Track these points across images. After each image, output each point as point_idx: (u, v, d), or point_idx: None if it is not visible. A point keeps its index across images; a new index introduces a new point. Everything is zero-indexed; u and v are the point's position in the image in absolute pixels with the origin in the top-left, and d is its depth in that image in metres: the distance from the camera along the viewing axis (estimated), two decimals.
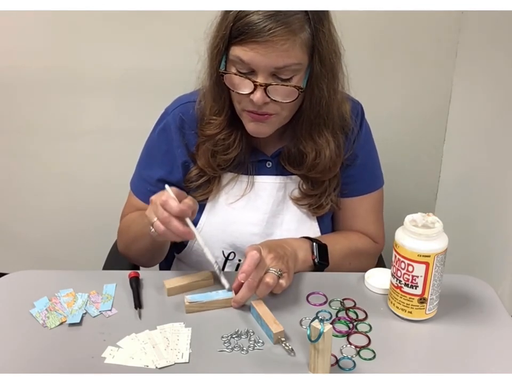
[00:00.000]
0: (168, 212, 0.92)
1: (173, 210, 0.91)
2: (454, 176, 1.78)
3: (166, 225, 0.92)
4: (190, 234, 0.94)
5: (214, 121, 1.08)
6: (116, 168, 1.76)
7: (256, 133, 1.05)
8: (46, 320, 0.92)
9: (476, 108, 1.67)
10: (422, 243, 0.86)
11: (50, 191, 1.89)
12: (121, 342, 0.87)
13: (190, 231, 0.93)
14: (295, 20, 0.93)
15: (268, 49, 0.92)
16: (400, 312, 0.92)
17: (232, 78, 0.99)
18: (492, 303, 0.98)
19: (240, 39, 0.94)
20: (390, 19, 1.55)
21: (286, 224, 1.16)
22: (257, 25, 0.91)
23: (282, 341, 0.86)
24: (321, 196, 1.14)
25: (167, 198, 0.92)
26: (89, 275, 1.06)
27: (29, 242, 2.00)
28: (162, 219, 0.92)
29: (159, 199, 0.93)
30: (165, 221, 0.92)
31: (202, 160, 1.11)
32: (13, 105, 1.76)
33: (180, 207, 0.91)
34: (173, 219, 0.91)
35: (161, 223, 0.92)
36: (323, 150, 1.08)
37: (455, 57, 1.62)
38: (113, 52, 1.65)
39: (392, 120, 1.69)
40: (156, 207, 0.93)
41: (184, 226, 0.93)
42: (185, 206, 0.92)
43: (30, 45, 1.66)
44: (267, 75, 0.96)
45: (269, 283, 0.92)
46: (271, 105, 0.99)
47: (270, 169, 1.15)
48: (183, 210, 0.92)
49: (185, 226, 0.93)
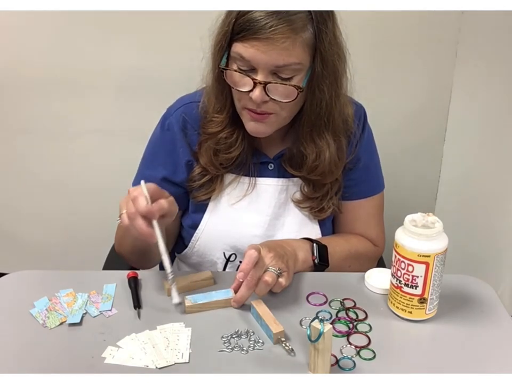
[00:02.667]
0: (135, 208, 0.90)
1: (140, 209, 0.89)
2: (454, 176, 1.78)
3: (130, 220, 0.91)
4: (152, 237, 0.90)
5: (216, 119, 1.08)
6: (117, 168, 1.76)
7: (255, 132, 1.05)
8: (46, 320, 0.92)
9: (476, 108, 1.67)
10: (422, 243, 0.86)
11: (50, 191, 1.89)
12: (121, 342, 0.87)
13: (153, 233, 0.90)
14: (298, 18, 0.93)
15: (268, 47, 0.92)
16: (400, 312, 0.92)
17: (233, 75, 0.99)
18: (491, 303, 0.98)
19: (241, 36, 0.94)
20: (389, 19, 1.55)
21: (287, 226, 1.16)
22: (259, 22, 0.91)
23: (282, 341, 0.86)
24: (322, 199, 1.14)
25: (138, 194, 0.90)
26: (89, 275, 1.06)
27: (29, 243, 2.00)
28: (129, 214, 0.90)
29: (132, 193, 0.91)
30: (131, 216, 0.90)
31: (204, 159, 1.11)
32: (13, 106, 1.76)
33: (148, 208, 0.89)
34: (138, 217, 0.89)
35: (127, 217, 0.91)
36: (323, 152, 1.08)
37: (455, 57, 1.62)
38: (114, 51, 1.65)
39: (392, 119, 1.69)
40: (127, 200, 0.92)
41: (148, 227, 0.90)
42: (155, 208, 0.90)
43: (30, 45, 1.66)
44: (267, 73, 0.96)
45: (267, 281, 0.92)
46: (270, 104, 0.99)
47: (272, 171, 1.15)
48: (150, 211, 0.90)
49: (149, 227, 0.90)
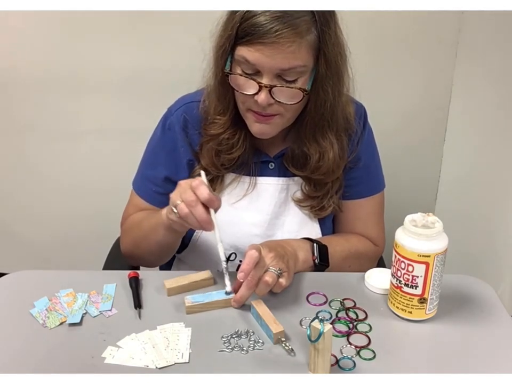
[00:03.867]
0: (197, 196, 0.91)
1: (203, 196, 0.91)
2: (454, 176, 1.78)
3: (191, 208, 0.91)
4: (211, 225, 0.93)
5: (218, 121, 1.08)
6: (117, 168, 1.76)
7: (260, 133, 1.05)
8: (46, 320, 0.92)
9: (476, 107, 1.67)
10: (422, 243, 0.86)
11: (50, 191, 1.89)
12: (121, 342, 0.87)
13: (212, 222, 0.93)
14: (302, 22, 0.92)
15: (274, 51, 0.92)
16: (400, 312, 0.92)
17: (237, 79, 0.99)
18: (492, 303, 0.98)
19: (246, 40, 0.94)
20: (389, 19, 1.55)
21: (287, 225, 1.16)
22: (264, 27, 0.91)
23: (282, 341, 0.86)
24: (323, 198, 1.14)
25: (201, 182, 0.92)
26: (89, 275, 1.06)
27: (29, 243, 2.00)
28: (189, 202, 0.91)
29: (190, 183, 0.93)
30: (191, 204, 0.91)
31: (206, 160, 1.11)
32: (13, 106, 1.76)
33: (210, 196, 0.91)
34: (199, 204, 0.91)
35: (186, 206, 0.91)
36: (327, 152, 1.08)
37: (455, 57, 1.62)
38: (114, 51, 1.65)
39: (392, 119, 1.69)
40: (185, 190, 0.92)
41: (208, 215, 0.92)
42: (215, 197, 0.92)
43: (31, 45, 1.66)
44: (272, 76, 0.96)
45: (268, 281, 0.92)
46: (275, 106, 0.99)
47: (273, 171, 1.15)
48: (212, 199, 0.91)
49: (208, 215, 0.92)
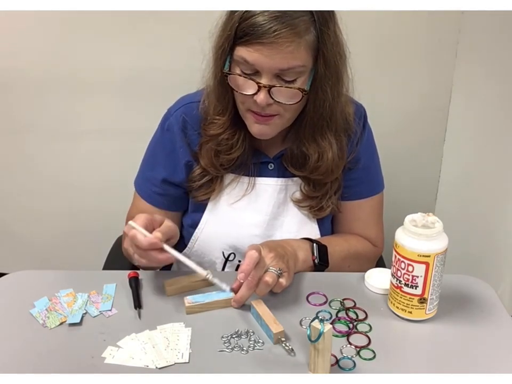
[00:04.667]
0: (139, 246, 0.91)
1: (143, 246, 0.90)
2: (454, 176, 1.78)
3: (144, 258, 0.92)
4: (171, 259, 0.93)
5: (217, 121, 1.08)
6: (117, 168, 1.76)
7: (259, 134, 1.05)
8: (46, 320, 0.92)
9: (476, 108, 1.67)
10: (422, 243, 0.86)
11: (50, 191, 1.89)
12: (121, 342, 0.87)
13: (169, 256, 0.92)
14: (301, 22, 0.92)
15: (273, 51, 0.92)
16: (400, 312, 0.92)
17: (236, 79, 0.98)
18: (492, 303, 0.98)
19: (245, 40, 0.94)
20: (389, 19, 1.55)
21: (286, 226, 1.16)
22: (263, 27, 0.91)
23: (282, 341, 0.86)
24: (322, 198, 1.14)
25: (134, 234, 0.91)
26: (89, 275, 1.06)
27: (29, 243, 2.00)
28: (139, 254, 0.92)
29: (129, 234, 0.92)
30: (142, 255, 0.92)
31: (205, 160, 1.11)
32: (13, 106, 1.76)
33: (148, 241, 0.90)
34: (147, 252, 0.91)
35: (140, 257, 0.93)
36: (326, 152, 1.08)
37: (455, 57, 1.62)
38: (114, 51, 1.65)
39: (392, 119, 1.69)
40: (129, 241, 0.93)
41: (163, 253, 0.92)
42: (156, 239, 0.90)
43: (30, 45, 1.66)
44: (271, 76, 0.96)
45: (268, 282, 0.92)
46: (274, 106, 0.99)
47: (272, 171, 1.15)
48: (153, 242, 0.90)
49: (163, 253, 0.92)
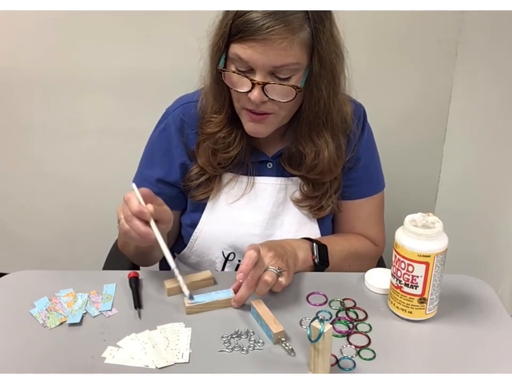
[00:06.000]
0: (129, 210, 0.91)
1: (132, 209, 0.90)
2: (454, 176, 1.78)
3: (128, 223, 0.91)
4: (150, 236, 0.91)
5: (214, 119, 1.08)
6: (116, 168, 1.76)
7: (254, 132, 1.05)
8: (46, 320, 0.92)
9: (476, 108, 1.67)
10: (422, 243, 0.86)
11: (50, 191, 1.89)
12: (121, 342, 0.87)
13: (151, 232, 0.91)
14: (294, 19, 0.93)
15: (266, 48, 0.92)
16: (400, 312, 0.92)
17: (231, 76, 0.99)
18: (492, 303, 0.98)
19: (239, 37, 0.94)
20: (389, 19, 1.55)
21: (286, 225, 1.16)
22: (256, 23, 0.91)
23: (282, 341, 0.86)
24: (322, 198, 1.14)
25: (131, 196, 0.91)
26: (89, 275, 1.06)
27: (29, 243, 2.00)
28: (125, 217, 0.91)
29: (126, 196, 0.92)
30: (128, 219, 0.91)
31: (202, 159, 1.11)
32: (13, 106, 1.76)
33: (140, 207, 0.90)
34: (134, 218, 0.90)
35: (124, 221, 0.92)
36: (322, 151, 1.08)
37: (455, 57, 1.62)
38: (113, 51, 1.65)
39: (392, 120, 1.69)
40: (123, 205, 0.93)
41: (145, 227, 0.90)
42: (146, 210, 0.90)
43: (30, 45, 1.66)
44: (265, 74, 0.96)
45: (267, 281, 0.92)
46: (269, 104, 0.99)
47: (271, 170, 1.15)
48: (142, 211, 0.90)
49: (146, 227, 0.90)
